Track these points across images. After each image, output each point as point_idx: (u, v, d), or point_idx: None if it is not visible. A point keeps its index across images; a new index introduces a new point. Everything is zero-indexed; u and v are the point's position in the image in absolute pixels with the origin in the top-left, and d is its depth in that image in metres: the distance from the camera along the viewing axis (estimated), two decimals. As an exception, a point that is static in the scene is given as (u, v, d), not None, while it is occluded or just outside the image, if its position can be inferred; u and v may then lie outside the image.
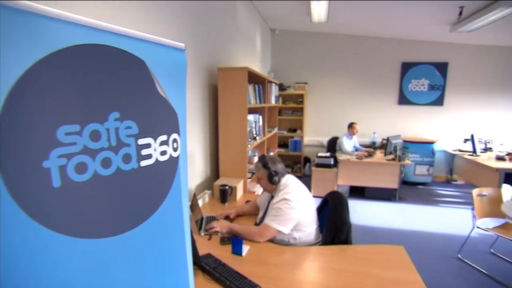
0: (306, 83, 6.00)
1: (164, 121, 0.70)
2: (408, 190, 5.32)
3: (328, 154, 4.91)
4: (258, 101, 3.46)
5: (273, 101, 4.40)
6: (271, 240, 1.78)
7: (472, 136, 5.09)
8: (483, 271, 2.84)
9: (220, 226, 1.84)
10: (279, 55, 6.18)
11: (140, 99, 0.63)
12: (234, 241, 1.59)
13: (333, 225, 1.78)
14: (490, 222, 2.99)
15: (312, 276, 1.47)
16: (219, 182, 2.69)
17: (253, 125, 3.41)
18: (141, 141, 0.64)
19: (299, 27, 5.77)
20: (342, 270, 1.51)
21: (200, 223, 1.99)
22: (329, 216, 1.82)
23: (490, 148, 5.47)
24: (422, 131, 5.98)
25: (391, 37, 5.77)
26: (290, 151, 6.10)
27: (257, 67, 4.87)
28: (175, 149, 0.73)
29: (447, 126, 5.90)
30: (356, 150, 5.21)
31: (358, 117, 5.93)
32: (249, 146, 2.98)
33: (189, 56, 2.35)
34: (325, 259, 1.64)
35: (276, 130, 4.79)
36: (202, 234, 1.86)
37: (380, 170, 4.63)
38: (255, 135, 3.44)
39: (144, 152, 0.65)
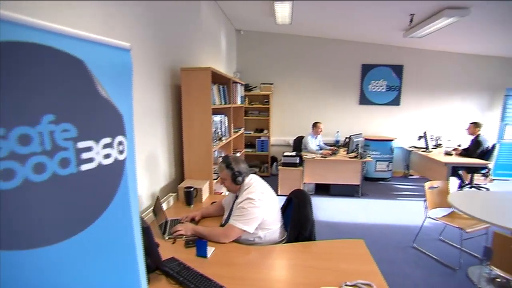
0: (272, 84, 6.07)
1: (107, 123, 0.66)
2: (370, 185, 5.59)
3: (293, 154, 5.01)
4: (223, 102, 3.44)
5: (238, 102, 4.41)
6: (237, 240, 1.78)
7: (424, 133, 5.48)
8: (434, 257, 3.07)
9: (185, 229, 1.81)
10: (245, 55, 6.20)
11: (79, 101, 0.59)
12: (198, 243, 1.57)
13: (297, 222, 1.82)
14: (440, 212, 3.24)
15: (276, 274, 1.49)
16: (184, 184, 2.64)
17: (218, 126, 3.39)
18: (81, 145, 0.61)
19: (264, 28, 5.84)
20: (305, 266, 1.55)
21: (164, 227, 1.94)
22: (293, 214, 1.87)
23: (440, 144, 5.93)
24: (381, 130, 6.32)
25: (352, 40, 6.03)
26: (257, 151, 6.15)
27: (222, 68, 4.84)
28: (120, 152, 0.69)
29: (404, 124, 6.30)
30: (321, 149, 5.39)
31: (322, 117, 6.13)
32: (214, 147, 2.96)
33: (150, 56, 2.32)
34: (289, 257, 1.67)
35: (242, 130, 4.80)
36: (166, 238, 1.81)
37: (343, 167, 4.82)
38: (220, 136, 3.42)
39: (85, 155, 0.61)
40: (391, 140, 5.93)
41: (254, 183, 1.87)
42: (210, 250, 1.62)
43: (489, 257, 2.14)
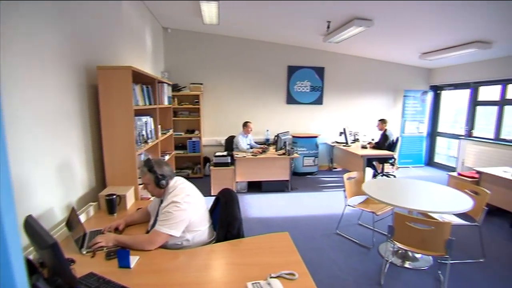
0: (201, 84, 6.00)
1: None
2: (299, 180, 5.97)
3: (225, 153, 5.05)
4: (147, 102, 3.28)
5: (166, 102, 4.24)
6: (164, 246, 1.72)
7: (344, 129, 6.07)
8: (354, 240, 3.44)
9: (105, 240, 1.68)
10: (173, 54, 6.00)
11: None
12: (120, 254, 1.47)
13: (225, 221, 1.85)
14: (358, 200, 3.64)
15: (204, 276, 1.49)
16: (105, 191, 2.44)
17: (143, 128, 3.22)
18: None
19: (192, 27, 5.73)
20: (233, 264, 1.59)
21: (83, 241, 1.76)
22: (221, 213, 1.89)
23: (358, 139, 6.65)
24: (307, 127, 6.79)
25: (278, 43, 6.33)
26: (189, 152, 6.01)
27: (148, 67, 4.60)
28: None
29: (327, 122, 6.88)
30: (252, 147, 5.54)
31: (253, 116, 6.31)
32: (139, 150, 2.80)
33: (60, 54, 2.07)
34: (218, 256, 1.69)
35: (171, 131, 4.64)
36: (84, 252, 1.65)
37: (273, 164, 5.05)
38: (146, 138, 3.25)
39: None
40: (316, 137, 6.42)
41: (179, 186, 1.83)
42: (134, 259, 1.54)
43: (392, 234, 2.49)
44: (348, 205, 3.49)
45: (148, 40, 4.67)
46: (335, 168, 6.94)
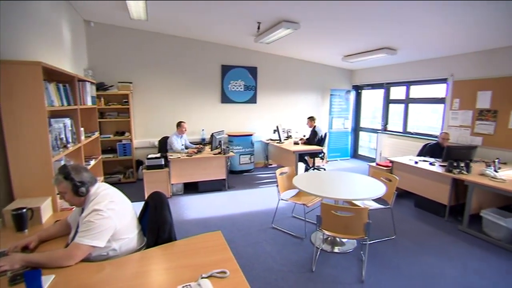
0: (131, 83, 5.61)
1: None
2: (236, 178, 6.04)
3: (158, 155, 4.84)
4: (65, 103, 2.95)
5: (89, 102, 3.88)
6: (87, 259, 1.58)
7: (277, 127, 6.33)
8: (288, 232, 3.62)
9: (10, 262, 1.46)
10: (98, 51, 5.47)
11: None
12: (27, 275, 1.29)
13: (155, 225, 1.77)
14: (291, 193, 3.83)
15: (133, 285, 1.41)
16: (13, 205, 2.13)
17: (62, 131, 2.90)
18: None
19: (119, 22, 5.30)
20: (164, 268, 1.53)
21: (-20, 266, 1.51)
22: (150, 217, 1.81)
23: (290, 136, 7.00)
24: (242, 126, 6.89)
25: (212, 42, 6.28)
26: (119, 155, 5.59)
27: (67, 63, 4.12)
28: None
29: (261, 120, 7.07)
30: (187, 148, 5.41)
31: (187, 116, 6.17)
32: (56, 156, 2.51)
33: None
34: (147, 263, 1.61)
35: (97, 134, 4.27)
36: (-19, 279, 1.42)
37: (209, 164, 5.01)
38: (65, 143, 2.93)
39: None
40: (251, 135, 6.56)
41: (102, 192, 1.69)
42: (47, 279, 1.37)
43: (320, 223, 2.70)
44: (282, 199, 3.65)
45: (66, 33, 4.18)
46: (271, 165, 7.20)
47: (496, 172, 3.70)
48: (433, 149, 4.88)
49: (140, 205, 2.04)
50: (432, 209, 4.22)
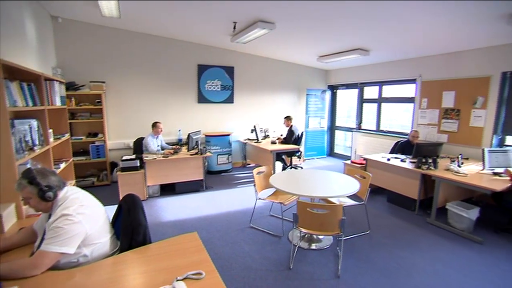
0: (103, 82, 5.41)
1: None
2: (213, 178, 5.99)
3: (133, 156, 4.71)
4: (30, 103, 2.80)
5: (58, 103, 3.70)
6: (55, 267, 1.51)
7: (254, 127, 6.35)
8: (266, 231, 3.64)
9: (-32, 274, 1.37)
10: (68, 49, 5.21)
11: None
12: (-12, 287, 1.22)
13: (128, 229, 1.72)
14: (268, 192, 3.86)
15: (106, 291, 1.37)
16: (-29, 213, 1.99)
17: (27, 133, 2.75)
18: None
19: (89, 18, 5.08)
20: (138, 273, 1.50)
21: None
22: (123, 221, 1.75)
23: (268, 135, 7.05)
24: (219, 126, 6.85)
25: (188, 41, 6.18)
26: (92, 158, 5.37)
27: (32, 61, 3.91)
28: None
29: (238, 120, 7.06)
30: (163, 148, 5.31)
31: (163, 116, 6.05)
32: (20, 159, 2.38)
33: None
34: (121, 267, 1.57)
35: (67, 136, 4.09)
36: None
37: (185, 165, 4.93)
38: (31, 145, 2.79)
39: None
40: (228, 135, 6.53)
41: (71, 196, 1.62)
42: (9, 290, 1.30)
43: (296, 221, 2.74)
44: (259, 199, 3.67)
45: (30, 29, 3.96)
46: (249, 164, 7.21)
47: (459, 167, 3.93)
48: (404, 147, 5.09)
49: (114, 208, 1.98)
50: (403, 203, 4.41)
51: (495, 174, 3.78)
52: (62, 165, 3.71)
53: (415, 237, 3.53)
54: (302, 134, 6.38)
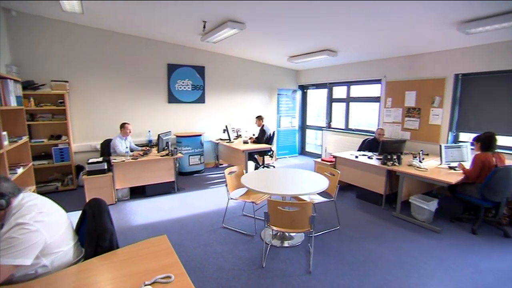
0: (66, 82, 5.13)
1: None
2: (185, 180, 5.90)
3: (100, 159, 4.52)
4: (-19, 104, 2.61)
5: (13, 103, 3.47)
6: (9, 281, 1.41)
7: (226, 126, 6.33)
8: (239, 230, 3.65)
9: None
10: (24, 45, 4.86)
11: None
12: None
13: (93, 234, 1.66)
14: (240, 192, 3.87)
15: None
16: None
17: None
18: None
19: (48, 13, 4.78)
20: (103, 280, 1.45)
21: None
22: (88, 226, 1.68)
23: (240, 135, 7.05)
24: (191, 126, 6.75)
25: (157, 40, 6.03)
26: (55, 161, 5.06)
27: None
28: None
29: (210, 120, 7.00)
30: (132, 150, 5.14)
31: (132, 117, 5.86)
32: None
33: None
34: (86, 275, 1.50)
35: (25, 138, 3.84)
36: None
37: (156, 166, 4.82)
38: (-17, 150, 2.59)
39: None
40: (200, 135, 6.46)
41: (27, 204, 1.53)
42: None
43: (268, 220, 2.78)
44: (231, 199, 3.67)
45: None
46: (221, 164, 7.18)
47: (421, 162, 4.18)
48: (371, 144, 5.32)
49: (79, 214, 1.89)
50: (371, 199, 4.61)
51: (451, 168, 4.07)
52: (20, 170, 3.48)
53: (381, 230, 3.70)
54: (274, 134, 6.47)
